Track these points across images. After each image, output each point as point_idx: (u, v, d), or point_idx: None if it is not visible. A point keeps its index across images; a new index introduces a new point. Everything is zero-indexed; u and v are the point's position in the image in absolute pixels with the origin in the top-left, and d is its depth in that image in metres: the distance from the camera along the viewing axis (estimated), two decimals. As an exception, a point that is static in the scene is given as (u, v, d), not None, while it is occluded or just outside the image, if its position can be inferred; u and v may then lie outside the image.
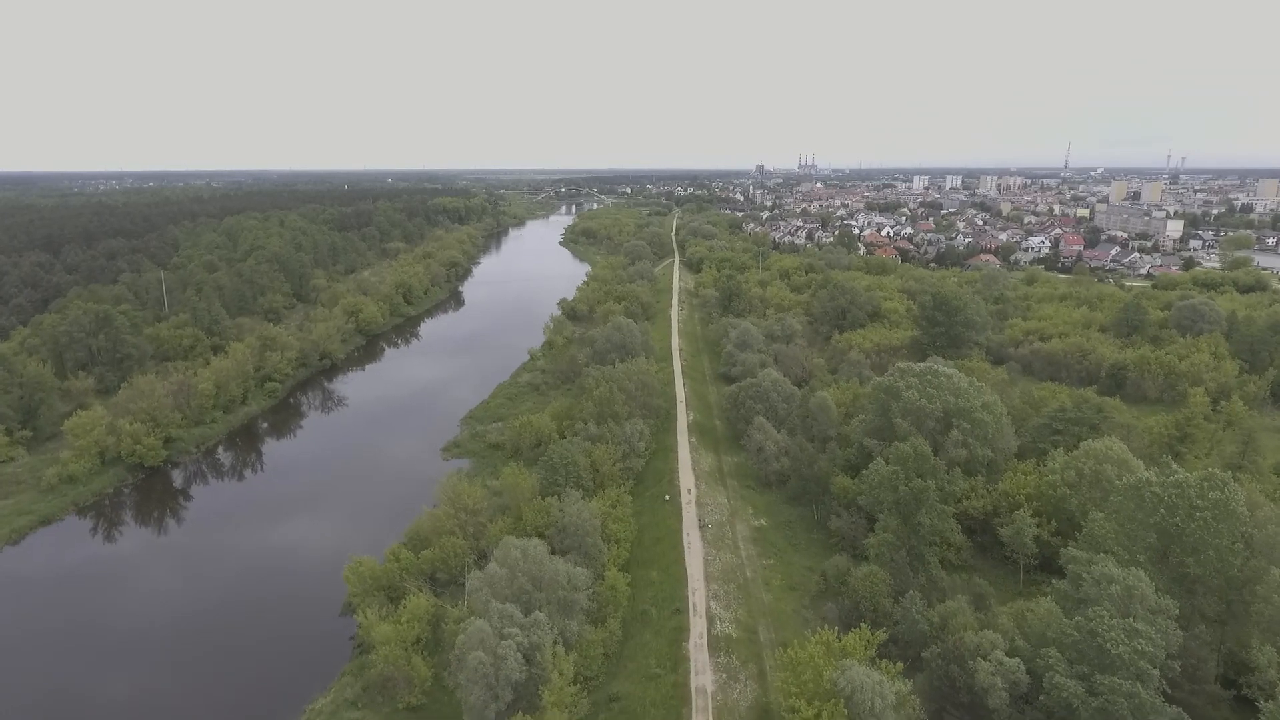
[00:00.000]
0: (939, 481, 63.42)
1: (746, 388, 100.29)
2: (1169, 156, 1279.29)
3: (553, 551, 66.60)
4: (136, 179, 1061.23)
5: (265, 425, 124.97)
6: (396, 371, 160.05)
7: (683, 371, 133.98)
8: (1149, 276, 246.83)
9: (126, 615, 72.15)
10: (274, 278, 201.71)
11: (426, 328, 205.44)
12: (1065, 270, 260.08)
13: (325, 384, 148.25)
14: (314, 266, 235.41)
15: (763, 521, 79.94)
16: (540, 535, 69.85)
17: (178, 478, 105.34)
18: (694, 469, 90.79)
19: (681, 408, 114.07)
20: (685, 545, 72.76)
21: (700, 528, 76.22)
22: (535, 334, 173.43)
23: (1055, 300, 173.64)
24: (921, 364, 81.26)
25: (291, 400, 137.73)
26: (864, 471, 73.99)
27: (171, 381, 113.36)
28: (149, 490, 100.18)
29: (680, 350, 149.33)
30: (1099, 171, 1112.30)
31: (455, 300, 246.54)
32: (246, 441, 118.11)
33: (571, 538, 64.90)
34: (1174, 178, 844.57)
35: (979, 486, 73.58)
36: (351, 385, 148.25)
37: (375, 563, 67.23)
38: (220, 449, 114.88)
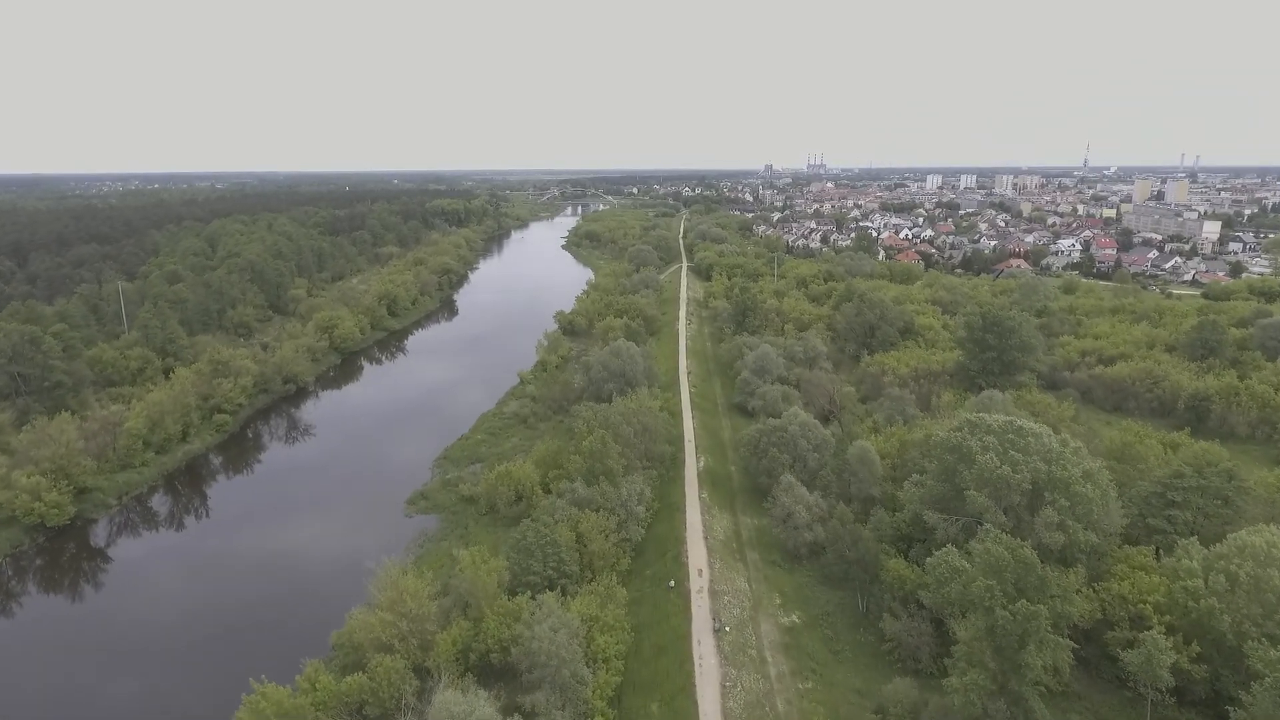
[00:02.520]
0: (1051, 601, 46.03)
1: (769, 432, 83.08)
2: (1183, 155, 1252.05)
3: (520, 683, 49.92)
4: (144, 180, 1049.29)
5: (209, 466, 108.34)
6: (371, 396, 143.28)
7: (691, 401, 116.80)
8: (1195, 283, 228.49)
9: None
10: (247, 288, 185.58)
11: (412, 342, 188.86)
12: (1102, 276, 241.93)
13: (289, 412, 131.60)
14: (297, 274, 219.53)
15: (794, 618, 62.70)
16: (506, 651, 53.05)
17: (97, 534, 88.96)
18: (705, 537, 73.66)
19: (690, 449, 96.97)
20: (695, 661, 55.62)
21: (715, 631, 59.08)
22: (529, 349, 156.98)
23: (1106, 314, 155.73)
24: (1001, 418, 63.74)
25: (247, 433, 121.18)
26: (928, 561, 56.87)
27: (94, 419, 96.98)
28: (53, 555, 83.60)
29: (689, 373, 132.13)
30: (1112, 170, 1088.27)
31: (447, 310, 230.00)
32: (183, 486, 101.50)
33: (543, 668, 47.92)
34: (1192, 177, 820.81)
35: (1079, 581, 56.19)
36: (317, 413, 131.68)
37: (285, 693, 50.32)
38: (153, 496, 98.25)
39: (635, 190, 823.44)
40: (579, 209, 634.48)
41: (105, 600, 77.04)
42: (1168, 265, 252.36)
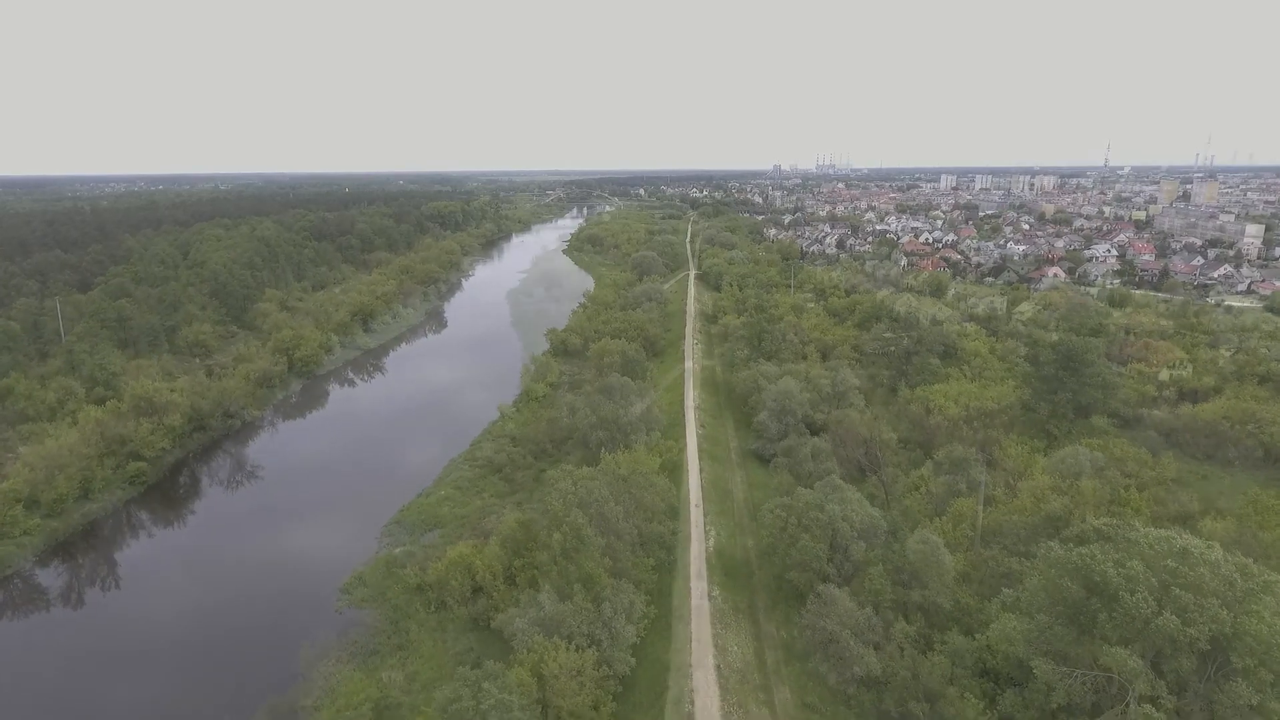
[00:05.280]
0: None
1: (799, 511, 63.97)
2: (1198, 155, 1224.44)
3: None
4: (150, 182, 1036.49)
5: (117, 527, 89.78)
6: (330, 431, 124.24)
7: (698, 446, 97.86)
8: (1252, 294, 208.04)
9: None
10: (206, 302, 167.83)
11: (390, 362, 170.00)
12: (1146, 286, 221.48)
13: (232, 452, 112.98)
14: (272, 284, 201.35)
15: (847, 815, 43.70)
16: None
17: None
18: (718, 665, 54.74)
19: (696, 516, 78.06)
20: None
21: None
22: (519, 371, 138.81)
23: (1174, 336, 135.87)
24: (1154, 532, 44.60)
25: (179, 480, 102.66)
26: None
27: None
28: (-118, 664, 65.46)
29: (696, 409, 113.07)
30: (1126, 170, 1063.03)
31: (433, 324, 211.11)
32: (77, 556, 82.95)
33: None
34: (1212, 176, 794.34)
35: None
36: (262, 454, 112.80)
37: None
38: (36, 572, 79.79)
39: (642, 192, 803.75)
40: (585, 210, 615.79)
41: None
42: (1217, 273, 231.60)
